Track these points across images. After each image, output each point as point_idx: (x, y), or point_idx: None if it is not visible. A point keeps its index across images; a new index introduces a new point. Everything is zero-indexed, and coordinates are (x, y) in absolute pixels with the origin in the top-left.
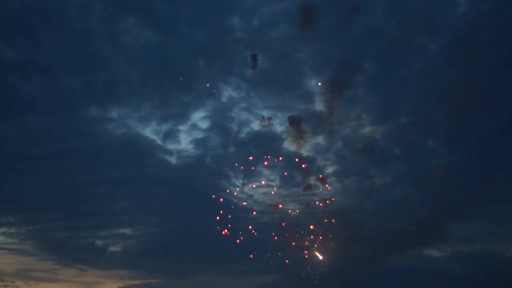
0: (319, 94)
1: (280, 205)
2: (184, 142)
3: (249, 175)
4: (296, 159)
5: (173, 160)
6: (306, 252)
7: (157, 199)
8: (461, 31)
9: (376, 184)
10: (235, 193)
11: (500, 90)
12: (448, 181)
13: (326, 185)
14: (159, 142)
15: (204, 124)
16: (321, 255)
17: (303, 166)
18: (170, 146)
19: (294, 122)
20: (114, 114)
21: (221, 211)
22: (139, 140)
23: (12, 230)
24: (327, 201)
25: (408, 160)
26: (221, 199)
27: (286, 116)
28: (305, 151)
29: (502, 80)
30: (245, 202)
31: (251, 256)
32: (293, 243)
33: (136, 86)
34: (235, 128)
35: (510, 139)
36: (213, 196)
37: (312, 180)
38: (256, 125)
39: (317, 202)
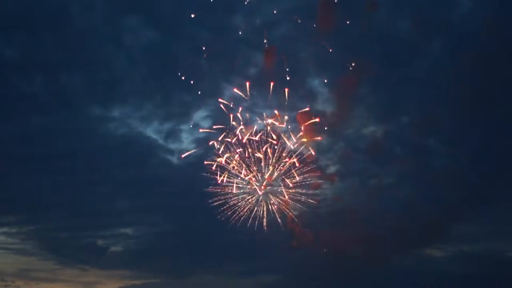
0: (322, 94)
1: (282, 204)
2: (186, 142)
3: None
4: (306, 157)
5: (174, 159)
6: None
7: (159, 198)
8: (465, 31)
9: (377, 184)
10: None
11: (503, 90)
12: (450, 181)
13: (331, 181)
14: (160, 141)
15: (206, 124)
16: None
17: (305, 165)
18: (172, 146)
19: (304, 119)
20: (115, 113)
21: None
22: (140, 139)
23: (13, 230)
24: (337, 198)
25: (411, 160)
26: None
27: (288, 115)
28: (307, 151)
29: (505, 80)
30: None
31: None
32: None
33: (138, 86)
34: (237, 128)
35: None
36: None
37: (315, 179)
38: (257, 124)
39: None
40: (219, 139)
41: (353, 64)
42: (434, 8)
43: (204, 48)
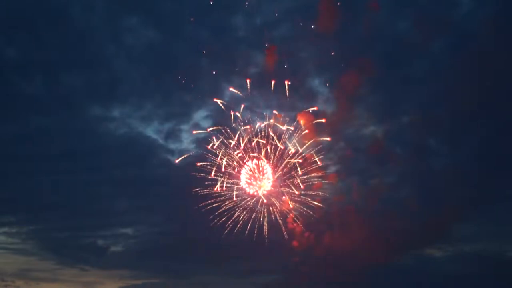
0: (323, 94)
1: (284, 204)
2: (186, 142)
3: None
4: (308, 156)
5: (174, 159)
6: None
7: (159, 198)
8: (465, 31)
9: (378, 184)
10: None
11: (503, 90)
12: (451, 181)
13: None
14: (161, 141)
15: (206, 124)
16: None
17: (305, 164)
18: (172, 146)
19: (306, 119)
20: (116, 113)
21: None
22: (140, 139)
23: (14, 230)
24: (337, 198)
25: (411, 160)
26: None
27: (288, 115)
28: (307, 150)
29: (505, 80)
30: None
31: None
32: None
33: (138, 85)
34: (238, 128)
35: None
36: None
37: (315, 179)
38: (257, 124)
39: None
40: (216, 144)
41: (354, 65)
42: (434, 8)
43: (204, 49)
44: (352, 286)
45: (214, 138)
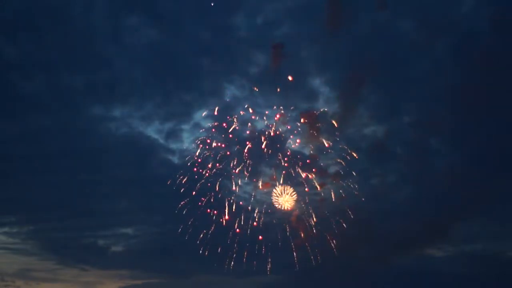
0: (323, 94)
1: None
2: (187, 142)
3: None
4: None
5: (175, 159)
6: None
7: (159, 198)
8: (466, 30)
9: (378, 184)
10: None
11: (505, 89)
12: (451, 181)
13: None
14: (161, 141)
15: (207, 123)
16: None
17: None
18: (173, 146)
19: (308, 118)
20: (116, 113)
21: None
22: (141, 139)
23: (14, 230)
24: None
25: (412, 160)
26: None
27: (289, 115)
28: (307, 150)
29: (506, 80)
30: (246, 202)
31: None
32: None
33: (139, 85)
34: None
35: None
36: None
37: (316, 179)
38: (259, 124)
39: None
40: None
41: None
42: (436, 7)
43: (204, 49)
44: (352, 286)
45: (217, 137)
